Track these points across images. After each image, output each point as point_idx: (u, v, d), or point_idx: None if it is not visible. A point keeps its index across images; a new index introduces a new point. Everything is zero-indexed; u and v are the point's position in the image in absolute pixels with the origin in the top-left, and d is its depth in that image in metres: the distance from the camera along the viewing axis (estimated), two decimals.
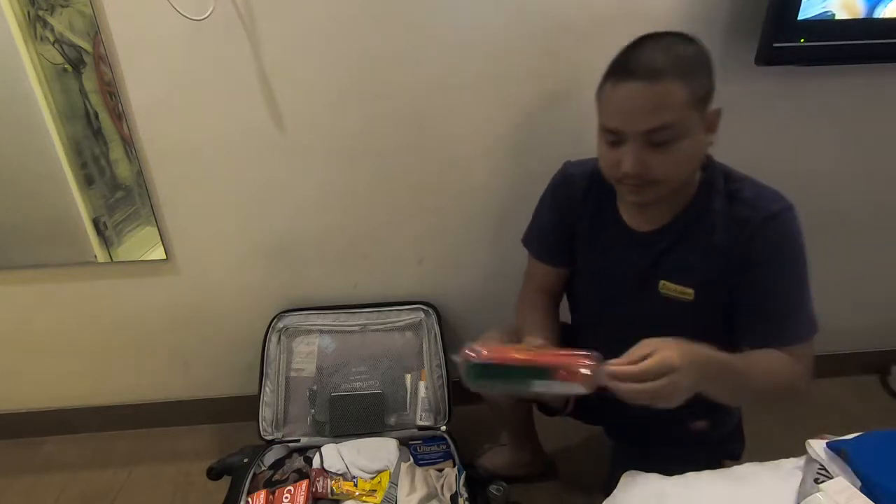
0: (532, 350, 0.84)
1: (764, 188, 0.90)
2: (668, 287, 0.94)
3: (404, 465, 1.24)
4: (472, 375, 0.80)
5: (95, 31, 1.10)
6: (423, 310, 1.42)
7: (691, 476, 0.76)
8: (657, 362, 0.70)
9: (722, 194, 0.89)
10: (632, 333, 0.99)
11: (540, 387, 0.77)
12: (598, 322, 1.08)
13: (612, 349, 1.03)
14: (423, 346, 1.40)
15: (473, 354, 0.79)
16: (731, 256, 0.88)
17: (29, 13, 1.08)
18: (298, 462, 1.27)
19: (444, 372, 1.39)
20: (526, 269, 1.15)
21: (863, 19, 1.12)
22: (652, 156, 0.81)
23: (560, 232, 1.06)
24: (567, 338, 1.10)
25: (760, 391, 0.86)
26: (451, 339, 1.43)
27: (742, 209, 0.87)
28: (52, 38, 1.10)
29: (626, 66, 0.81)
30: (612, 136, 0.83)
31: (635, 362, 0.72)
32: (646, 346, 0.73)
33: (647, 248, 0.95)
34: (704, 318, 0.94)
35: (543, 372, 0.77)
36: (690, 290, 0.92)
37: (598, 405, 1.09)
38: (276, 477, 1.22)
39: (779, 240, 0.86)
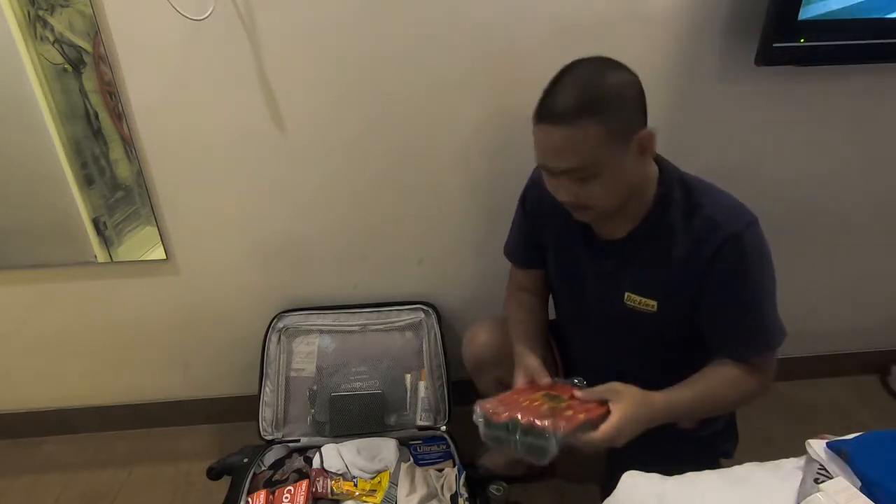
0: (534, 396, 0.90)
1: (725, 202, 0.90)
2: (632, 298, 0.96)
3: (404, 465, 1.24)
4: (499, 443, 0.84)
5: (95, 31, 1.10)
6: (423, 310, 1.42)
7: (691, 476, 0.76)
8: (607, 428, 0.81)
9: (681, 207, 0.90)
10: (605, 338, 1.05)
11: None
12: (574, 323, 1.13)
13: (590, 349, 1.09)
14: (423, 346, 1.40)
15: (487, 411, 0.84)
16: (690, 271, 0.89)
17: (29, 13, 1.08)
18: (298, 462, 1.27)
19: (444, 372, 1.39)
20: (510, 268, 1.19)
21: (863, 19, 1.12)
22: (580, 188, 0.85)
23: (531, 237, 1.10)
24: (554, 333, 1.18)
25: (715, 411, 0.97)
26: (451, 339, 1.43)
27: (702, 226, 0.87)
28: (52, 38, 1.10)
29: (542, 107, 0.84)
30: (544, 168, 0.88)
31: (598, 400, 0.86)
32: (606, 392, 0.86)
33: (612, 257, 0.96)
34: (669, 328, 0.97)
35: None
36: (654, 303, 0.94)
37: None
38: (276, 477, 1.22)
39: (739, 260, 0.87)
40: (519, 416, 0.80)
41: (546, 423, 0.78)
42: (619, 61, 0.86)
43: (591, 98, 0.80)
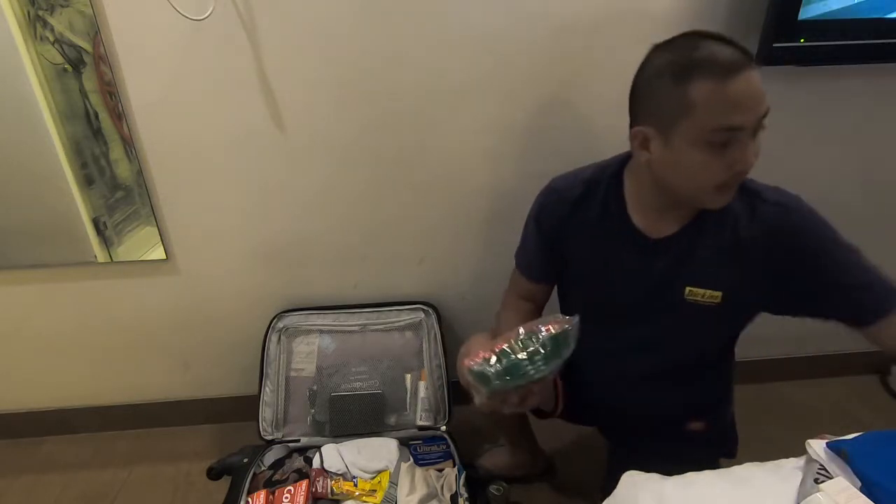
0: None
1: (767, 186, 0.90)
2: (694, 293, 0.92)
3: (404, 466, 1.24)
4: (485, 381, 0.80)
5: (95, 31, 1.10)
6: (423, 310, 1.42)
7: (691, 476, 0.76)
8: None
9: (737, 196, 0.87)
10: (649, 347, 1.00)
11: (544, 363, 0.79)
12: (603, 327, 1.01)
13: (613, 357, 1.04)
14: (423, 346, 1.40)
15: (474, 362, 0.80)
16: (758, 257, 0.86)
17: (29, 13, 1.08)
18: (298, 462, 1.27)
19: (444, 372, 1.39)
20: (511, 275, 1.14)
21: (863, 19, 1.12)
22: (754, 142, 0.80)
23: (545, 252, 1.05)
24: None
25: None
26: (451, 339, 1.43)
27: (765, 207, 0.87)
28: (52, 38, 1.10)
29: (725, 61, 0.75)
30: (726, 136, 0.77)
31: None
32: None
33: (667, 254, 0.92)
34: (729, 319, 0.95)
35: (536, 339, 0.79)
36: (718, 293, 0.91)
37: (591, 406, 1.10)
38: (276, 477, 1.22)
39: (815, 226, 0.87)
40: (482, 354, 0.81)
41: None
42: None
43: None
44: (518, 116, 1.26)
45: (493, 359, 0.80)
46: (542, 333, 0.81)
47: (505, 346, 0.81)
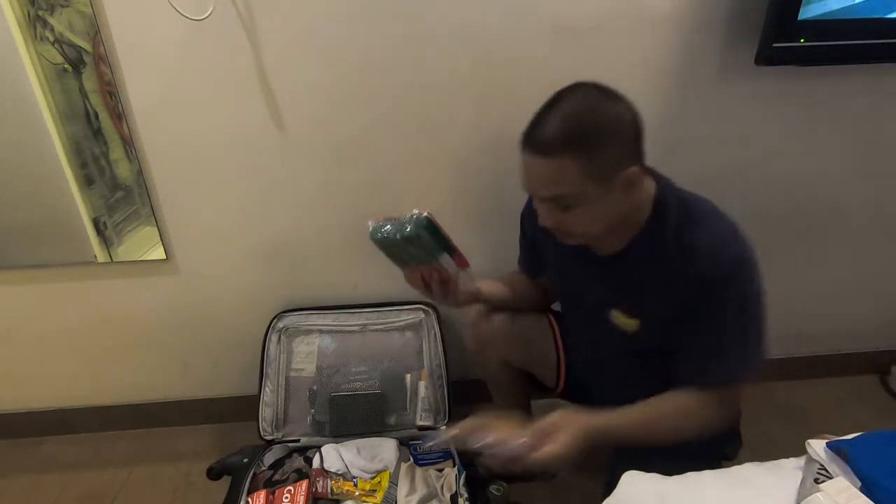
0: None
1: (719, 232, 0.87)
2: (618, 317, 0.97)
3: (404, 466, 1.24)
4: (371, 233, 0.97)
5: (95, 31, 1.10)
6: (422, 310, 1.42)
7: (691, 476, 0.76)
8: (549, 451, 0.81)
9: (673, 232, 0.88)
10: (599, 347, 1.09)
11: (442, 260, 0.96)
12: (574, 330, 1.18)
13: (590, 353, 1.15)
14: (423, 346, 1.40)
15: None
16: (672, 298, 0.88)
17: (29, 13, 1.08)
18: (298, 462, 1.27)
19: (444, 372, 1.39)
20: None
21: (863, 19, 1.12)
22: (562, 215, 0.86)
23: (529, 250, 1.17)
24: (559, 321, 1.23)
25: (664, 438, 0.89)
26: (451, 339, 1.43)
27: (690, 255, 0.85)
28: (52, 38, 1.10)
29: (528, 133, 0.84)
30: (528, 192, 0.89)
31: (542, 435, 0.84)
32: (548, 426, 0.84)
33: (606, 274, 0.96)
34: (647, 350, 0.97)
35: (450, 249, 0.96)
36: (636, 322, 0.94)
37: (591, 384, 1.16)
38: (276, 477, 1.22)
39: (720, 293, 0.85)
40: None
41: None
42: (616, 93, 0.84)
43: (574, 135, 0.80)
44: (518, 116, 1.26)
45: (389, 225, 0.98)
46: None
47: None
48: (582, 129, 0.80)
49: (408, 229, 0.93)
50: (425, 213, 0.93)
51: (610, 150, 0.81)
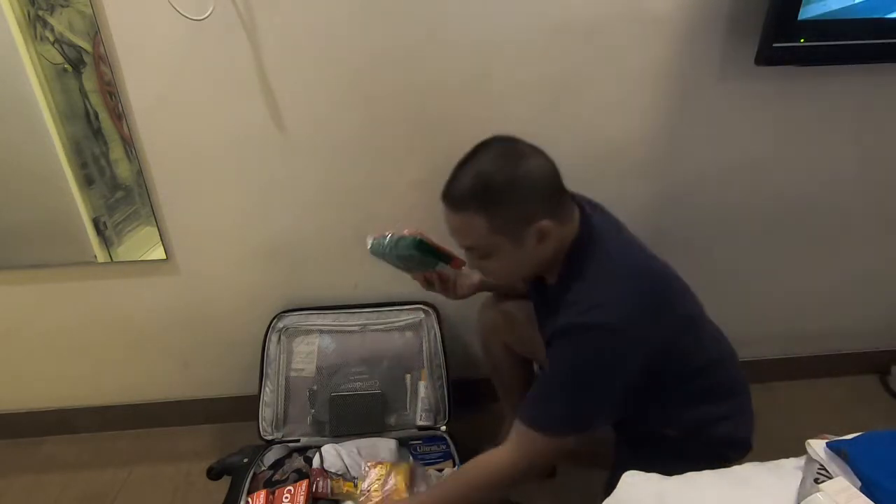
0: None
1: (598, 293, 0.87)
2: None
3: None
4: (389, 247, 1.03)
5: (95, 31, 1.10)
6: (423, 310, 1.42)
7: (691, 476, 0.76)
8: None
9: (566, 284, 0.91)
10: None
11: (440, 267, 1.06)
12: None
13: None
14: (423, 346, 1.40)
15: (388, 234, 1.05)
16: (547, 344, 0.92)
17: (29, 13, 1.08)
18: (298, 462, 1.27)
19: (444, 372, 1.39)
20: None
21: (863, 19, 1.12)
22: (479, 262, 0.93)
23: None
24: None
25: (472, 497, 0.95)
26: (451, 339, 1.43)
27: (564, 304, 0.89)
28: (52, 38, 1.10)
29: (445, 189, 0.90)
30: None
31: None
32: None
33: (545, 302, 1.00)
34: None
35: (446, 259, 1.04)
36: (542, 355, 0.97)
37: None
38: (276, 477, 1.22)
39: (562, 349, 0.88)
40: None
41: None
42: (531, 149, 0.88)
43: (481, 192, 0.85)
44: (517, 116, 1.26)
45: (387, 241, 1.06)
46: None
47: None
48: (489, 187, 0.85)
49: (402, 249, 1.00)
50: (417, 236, 1.00)
51: (516, 207, 0.86)
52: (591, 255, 0.90)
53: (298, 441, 1.36)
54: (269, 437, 1.37)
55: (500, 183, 0.85)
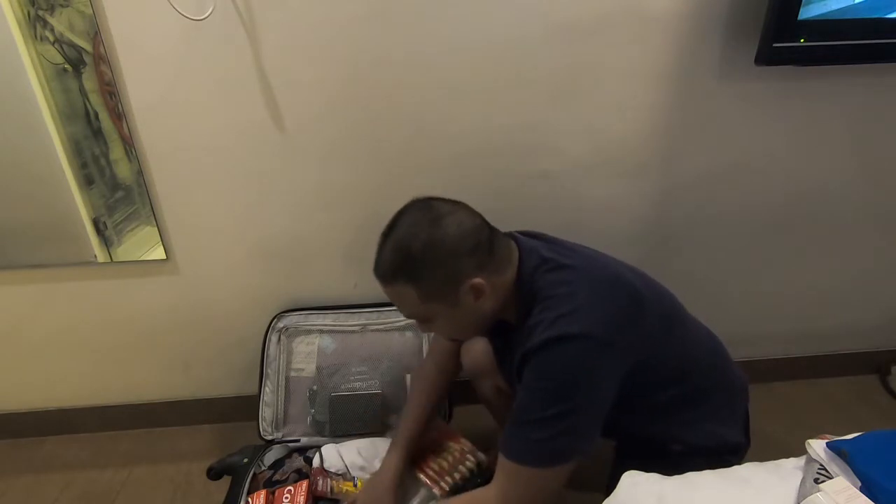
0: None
1: (557, 309, 0.84)
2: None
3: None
4: None
5: (95, 31, 1.10)
6: None
7: (691, 476, 0.76)
8: None
9: (523, 311, 0.89)
10: None
11: None
12: None
13: None
14: (423, 346, 1.40)
15: None
16: (517, 374, 0.89)
17: (29, 13, 1.08)
18: (298, 462, 1.27)
19: None
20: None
21: (863, 19, 1.12)
22: (426, 325, 0.94)
23: None
24: None
25: None
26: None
27: (527, 336, 0.86)
28: (52, 38, 1.10)
29: (375, 262, 0.89)
30: None
31: None
32: None
33: (506, 340, 0.97)
34: None
35: None
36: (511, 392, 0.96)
37: None
38: (276, 477, 1.22)
39: (534, 367, 0.84)
40: None
41: None
42: (451, 205, 0.89)
43: (403, 265, 0.85)
44: (518, 116, 1.26)
45: None
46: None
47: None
48: (408, 258, 0.84)
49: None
50: None
51: (440, 272, 0.84)
52: (544, 278, 0.88)
53: (298, 441, 1.36)
54: (269, 437, 1.37)
55: (420, 251, 0.83)
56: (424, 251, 0.84)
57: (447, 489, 1.10)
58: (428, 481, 1.13)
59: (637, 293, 0.89)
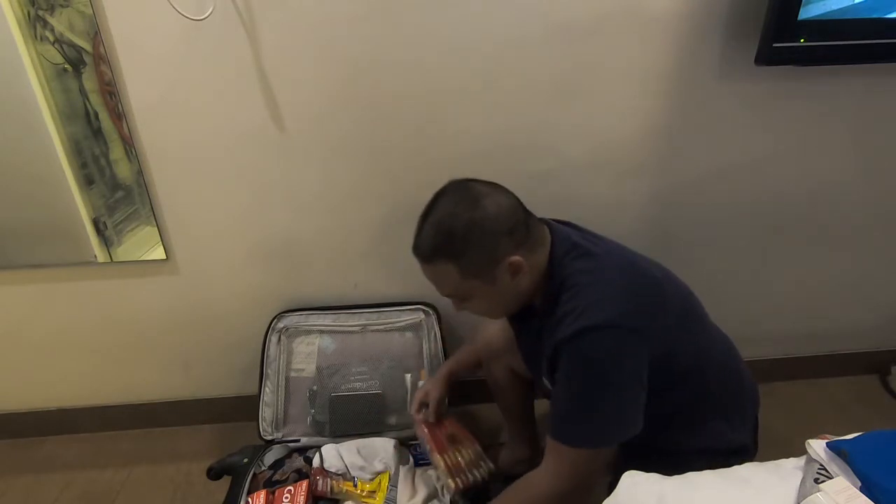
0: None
1: (586, 298, 0.86)
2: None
3: (403, 469, 1.24)
4: None
5: (95, 31, 1.10)
6: (422, 310, 1.42)
7: (691, 476, 0.76)
8: None
9: (552, 298, 0.91)
10: None
11: None
12: None
13: None
14: (423, 346, 1.40)
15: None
16: (544, 359, 0.92)
17: (29, 13, 1.08)
18: (298, 462, 1.27)
19: None
20: None
21: (863, 19, 1.12)
22: (463, 304, 0.96)
23: None
24: None
25: None
26: (451, 339, 1.43)
27: (557, 320, 0.88)
28: (52, 38, 1.10)
29: (414, 242, 0.92)
30: None
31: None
32: None
33: (530, 327, 1.00)
34: None
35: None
36: (547, 382, 0.97)
37: None
38: (276, 477, 1.22)
39: (569, 359, 0.87)
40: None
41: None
42: (487, 189, 0.90)
43: (444, 244, 0.88)
44: (518, 116, 1.26)
45: None
46: None
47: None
48: (450, 237, 0.87)
49: None
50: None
51: (481, 250, 0.87)
52: (573, 265, 0.90)
53: (298, 441, 1.36)
54: (269, 437, 1.37)
55: (461, 230, 0.86)
56: (466, 230, 0.86)
57: (461, 486, 1.12)
58: (444, 467, 1.15)
59: (659, 285, 0.93)
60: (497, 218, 0.87)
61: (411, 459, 1.29)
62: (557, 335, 0.86)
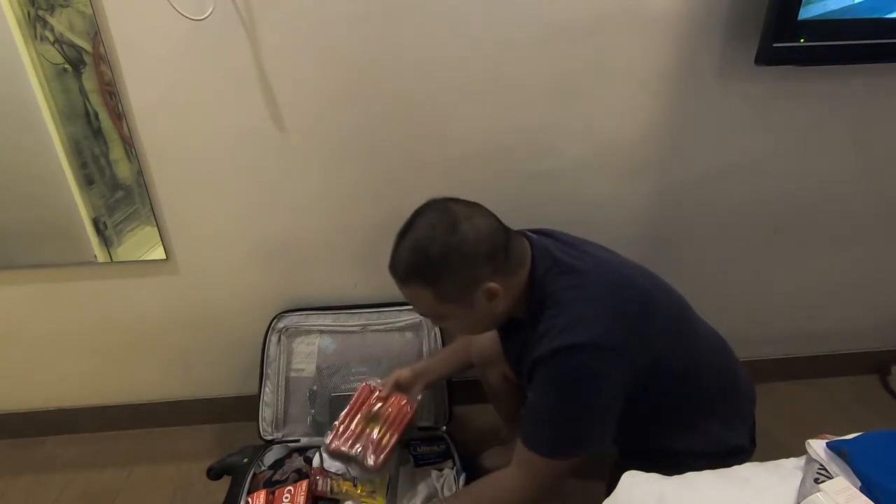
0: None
1: (566, 315, 0.87)
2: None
3: (403, 469, 1.24)
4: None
5: (95, 31, 1.10)
6: None
7: (691, 476, 0.76)
8: None
9: (534, 313, 0.91)
10: None
11: None
12: None
13: None
14: (423, 346, 1.40)
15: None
16: (528, 372, 0.91)
17: (29, 13, 1.08)
18: (298, 462, 1.27)
19: None
20: None
21: (863, 19, 1.12)
22: (441, 323, 0.97)
23: None
24: None
25: None
26: (451, 340, 1.43)
27: (537, 341, 0.88)
28: (52, 38, 1.10)
29: (390, 261, 0.90)
30: None
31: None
32: None
33: (512, 337, 1.01)
34: None
35: None
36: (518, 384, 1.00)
37: None
38: (276, 477, 1.22)
39: (544, 375, 0.87)
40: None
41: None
42: (466, 211, 0.88)
43: (419, 267, 0.86)
44: (518, 116, 1.26)
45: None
46: None
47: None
48: (426, 261, 0.85)
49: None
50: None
51: (456, 277, 0.86)
52: (557, 282, 0.90)
53: (298, 441, 1.36)
54: (269, 437, 1.37)
55: (437, 256, 0.85)
56: (442, 256, 0.85)
57: (329, 449, 1.17)
58: (335, 425, 1.19)
59: (646, 295, 0.92)
60: (475, 244, 0.86)
61: (411, 460, 1.29)
62: (534, 353, 0.87)
